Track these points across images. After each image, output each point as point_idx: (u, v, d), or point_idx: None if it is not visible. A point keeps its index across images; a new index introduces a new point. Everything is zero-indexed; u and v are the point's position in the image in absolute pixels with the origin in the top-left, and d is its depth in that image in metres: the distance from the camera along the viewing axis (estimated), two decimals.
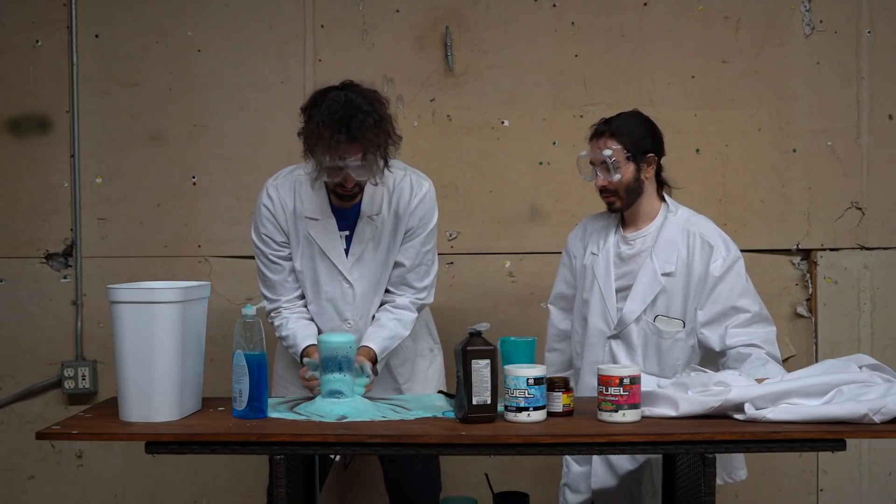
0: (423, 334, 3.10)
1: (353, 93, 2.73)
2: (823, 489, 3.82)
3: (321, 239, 2.89)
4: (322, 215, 2.89)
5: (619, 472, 2.91)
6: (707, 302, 2.83)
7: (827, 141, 3.78)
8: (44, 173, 3.82)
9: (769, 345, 2.81)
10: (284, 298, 2.93)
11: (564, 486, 3.03)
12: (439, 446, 2.40)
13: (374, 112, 2.71)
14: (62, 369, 3.81)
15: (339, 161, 2.69)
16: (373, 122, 2.69)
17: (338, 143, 2.66)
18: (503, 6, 3.78)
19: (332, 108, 2.68)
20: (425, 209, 2.92)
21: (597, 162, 2.88)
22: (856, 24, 3.77)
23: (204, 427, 2.41)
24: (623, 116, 2.91)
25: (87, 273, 3.82)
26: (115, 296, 2.46)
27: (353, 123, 2.66)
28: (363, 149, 2.69)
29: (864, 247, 3.80)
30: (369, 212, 2.89)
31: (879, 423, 2.30)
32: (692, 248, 2.85)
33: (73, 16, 3.79)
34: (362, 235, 2.89)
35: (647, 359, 2.86)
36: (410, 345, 3.03)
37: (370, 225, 2.89)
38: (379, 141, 2.71)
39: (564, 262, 3.11)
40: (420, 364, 3.06)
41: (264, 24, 3.78)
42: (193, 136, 3.81)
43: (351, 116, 2.66)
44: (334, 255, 2.89)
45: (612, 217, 2.99)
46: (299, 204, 2.90)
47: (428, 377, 3.07)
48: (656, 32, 3.78)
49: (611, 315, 2.89)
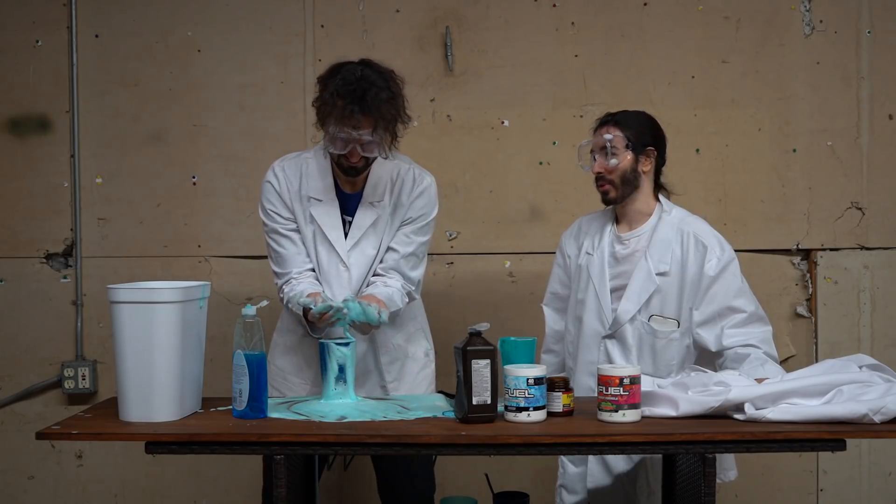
0: (418, 338, 3.09)
1: (370, 68, 2.79)
2: (823, 489, 3.82)
3: (323, 220, 2.91)
4: (326, 197, 2.92)
5: (615, 472, 2.91)
6: (702, 302, 2.83)
7: (827, 141, 3.78)
8: (44, 173, 3.83)
9: (766, 344, 2.81)
10: (295, 270, 2.92)
11: (561, 486, 3.03)
12: (439, 446, 2.40)
13: (389, 88, 2.77)
14: (62, 369, 3.81)
15: (352, 131, 2.74)
16: (386, 97, 2.75)
17: (351, 113, 2.72)
18: (503, 6, 3.78)
19: (348, 79, 2.74)
20: (425, 200, 2.95)
21: (597, 148, 2.89)
22: (856, 24, 3.77)
23: (204, 427, 2.41)
24: (628, 111, 2.94)
25: (87, 273, 3.82)
26: (115, 296, 2.46)
27: (368, 96, 2.72)
28: (374, 122, 2.74)
29: (864, 247, 3.80)
30: (371, 198, 2.92)
31: (879, 423, 2.30)
32: (686, 248, 2.85)
33: (73, 16, 3.79)
34: (362, 220, 2.92)
35: (641, 358, 2.86)
36: (402, 345, 3.03)
37: (371, 210, 2.92)
38: (390, 116, 2.77)
39: (558, 262, 3.11)
40: (410, 366, 3.04)
41: (264, 24, 3.78)
42: (193, 136, 3.81)
43: (366, 89, 2.72)
44: (334, 237, 2.91)
45: (607, 217, 2.99)
46: (304, 184, 2.93)
47: (417, 381, 3.04)
48: (656, 32, 3.78)
49: (606, 315, 2.89)
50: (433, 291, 3.72)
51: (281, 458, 2.31)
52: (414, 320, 3.08)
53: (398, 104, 2.79)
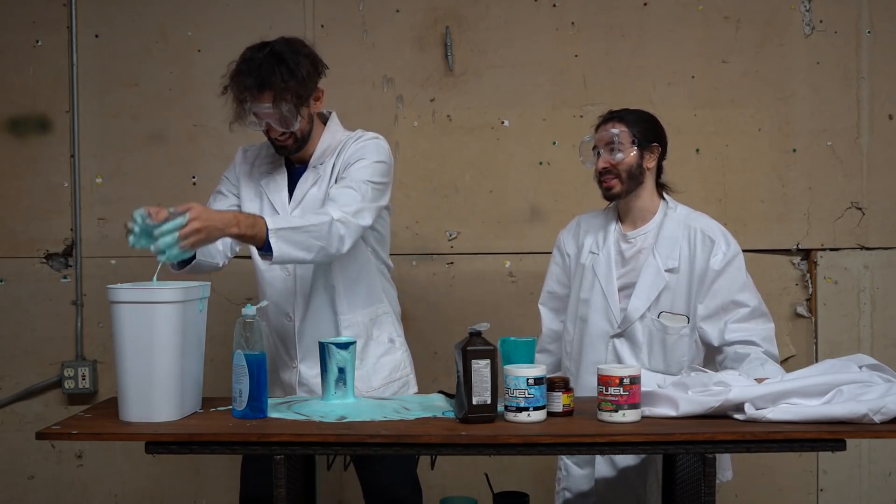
0: (384, 322, 2.99)
1: (277, 43, 2.78)
2: (823, 489, 3.82)
3: (268, 186, 2.94)
4: (276, 171, 2.95)
5: (623, 471, 2.90)
6: (707, 296, 2.83)
7: (827, 141, 3.78)
8: (44, 173, 3.83)
9: (767, 342, 2.81)
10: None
11: (564, 489, 3.01)
12: (439, 446, 2.39)
13: (290, 60, 2.74)
14: (62, 369, 3.81)
15: (251, 106, 2.74)
16: (286, 70, 2.73)
17: (246, 88, 2.73)
18: (503, 6, 3.78)
19: (247, 55, 2.77)
20: (364, 147, 2.87)
21: (601, 142, 2.88)
22: (856, 24, 3.77)
23: (204, 427, 2.41)
24: (632, 109, 2.94)
25: (87, 273, 3.82)
26: (115, 296, 2.46)
27: (264, 69, 2.72)
28: (273, 96, 2.73)
29: (864, 247, 3.80)
30: (316, 164, 2.92)
31: (879, 423, 2.30)
32: (694, 244, 2.86)
33: (73, 16, 3.79)
34: (305, 182, 2.91)
35: (652, 356, 2.85)
36: (364, 322, 2.94)
37: (313, 172, 2.92)
38: (289, 87, 2.74)
39: (556, 261, 3.10)
40: (372, 348, 2.96)
41: (264, 24, 3.78)
42: (193, 136, 3.81)
43: (262, 63, 2.72)
44: (277, 199, 2.92)
45: (609, 215, 2.98)
46: (258, 166, 2.98)
47: (379, 365, 2.97)
48: (656, 32, 3.78)
49: (614, 314, 2.89)
50: (433, 291, 3.72)
51: (281, 458, 2.31)
52: (381, 303, 3.00)
53: (300, 74, 2.75)
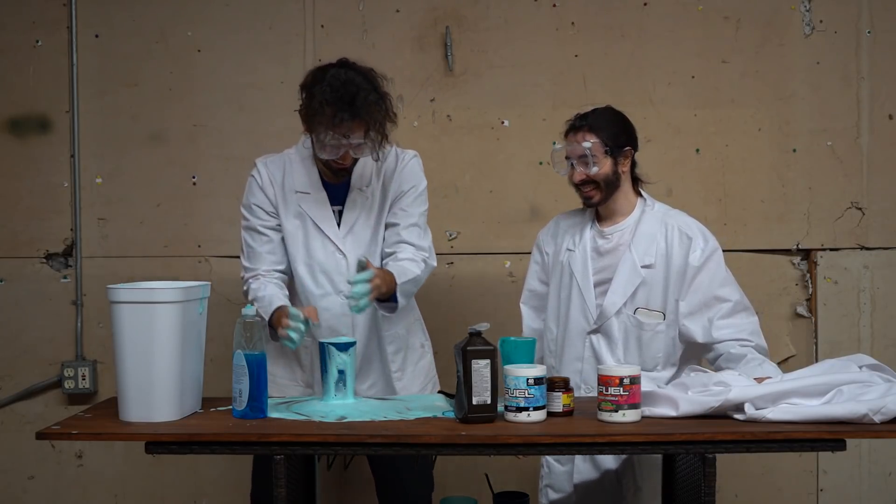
0: (416, 329, 3.11)
1: (353, 70, 2.79)
2: (823, 489, 3.82)
3: (313, 211, 2.92)
4: (313, 189, 2.93)
5: (602, 469, 2.91)
6: (688, 293, 2.83)
7: (827, 141, 3.78)
8: (44, 173, 3.83)
9: (756, 336, 2.82)
10: (263, 268, 2.94)
11: (547, 486, 3.02)
12: (439, 446, 2.40)
13: (375, 90, 2.78)
14: (62, 369, 3.81)
15: (343, 139, 2.75)
16: (374, 100, 2.76)
17: (342, 120, 2.72)
18: (503, 6, 3.78)
19: (335, 85, 2.74)
20: (411, 173, 2.96)
21: (574, 155, 2.88)
22: (856, 24, 3.77)
23: (204, 427, 2.41)
24: (598, 112, 2.91)
25: (87, 273, 3.82)
26: (115, 296, 2.46)
27: (357, 101, 2.72)
28: (366, 126, 2.75)
29: (864, 247, 3.80)
30: (359, 185, 2.93)
31: (879, 423, 2.30)
32: (671, 241, 2.86)
33: (73, 16, 3.79)
34: (353, 207, 2.93)
35: (627, 352, 2.86)
36: (403, 334, 3.03)
37: (360, 196, 2.93)
38: (380, 118, 2.77)
39: (536, 260, 3.11)
40: (411, 356, 3.06)
41: (264, 24, 3.78)
42: (193, 136, 3.81)
43: (354, 94, 2.73)
44: (326, 226, 2.91)
45: (586, 213, 2.99)
46: (289, 179, 2.94)
47: (417, 370, 3.06)
48: (656, 32, 3.78)
49: (590, 310, 2.89)
50: (433, 291, 3.72)
51: (281, 458, 2.31)
52: (413, 311, 3.09)
53: (386, 104, 2.80)
